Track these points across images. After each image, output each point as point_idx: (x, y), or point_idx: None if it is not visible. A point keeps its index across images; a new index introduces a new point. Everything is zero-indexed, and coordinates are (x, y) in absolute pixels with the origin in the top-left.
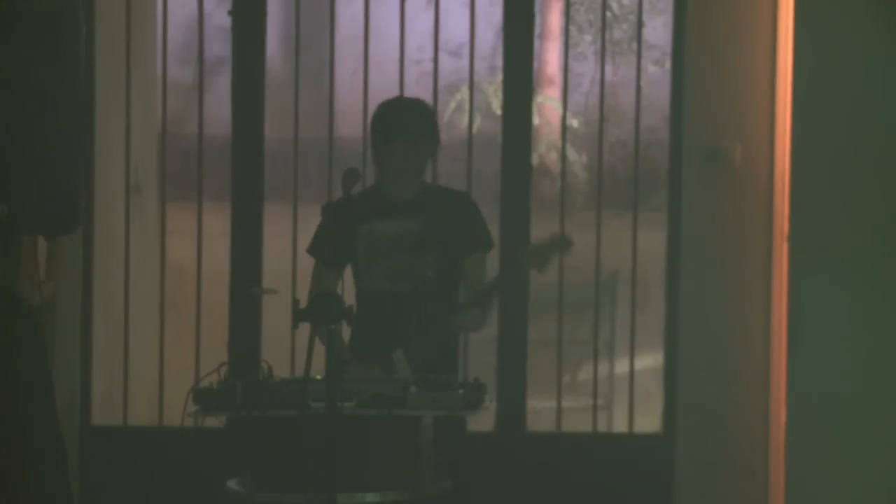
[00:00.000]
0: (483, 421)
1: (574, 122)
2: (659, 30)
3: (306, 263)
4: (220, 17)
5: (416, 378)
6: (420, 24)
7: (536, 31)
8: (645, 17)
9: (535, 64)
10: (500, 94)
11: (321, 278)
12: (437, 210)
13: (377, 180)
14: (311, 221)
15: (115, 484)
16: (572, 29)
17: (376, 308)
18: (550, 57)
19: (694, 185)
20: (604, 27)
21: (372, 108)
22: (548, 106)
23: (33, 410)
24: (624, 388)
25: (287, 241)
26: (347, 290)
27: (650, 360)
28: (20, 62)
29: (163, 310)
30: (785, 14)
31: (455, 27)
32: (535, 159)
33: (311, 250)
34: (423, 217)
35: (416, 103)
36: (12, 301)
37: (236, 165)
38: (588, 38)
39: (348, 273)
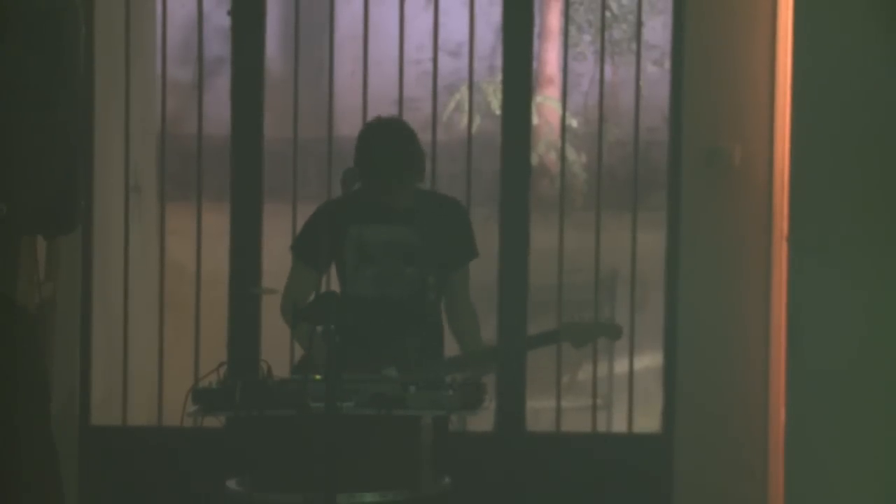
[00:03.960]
0: (483, 421)
1: (573, 122)
2: (658, 30)
3: None
4: (219, 17)
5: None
6: (419, 24)
7: (536, 30)
8: (644, 17)
9: (535, 64)
10: (499, 94)
11: (300, 278)
12: (430, 219)
13: (365, 186)
14: None
15: (115, 484)
16: (571, 29)
17: (363, 314)
18: (550, 57)
19: (693, 185)
20: (603, 27)
21: (372, 107)
22: (547, 106)
23: (27, 415)
24: (623, 387)
25: (286, 240)
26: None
27: (649, 360)
28: (19, 62)
29: (162, 310)
30: (784, 14)
31: (454, 27)
32: (534, 159)
33: (294, 248)
34: (416, 225)
35: (400, 138)
36: (7, 304)
37: (236, 165)
38: (587, 37)
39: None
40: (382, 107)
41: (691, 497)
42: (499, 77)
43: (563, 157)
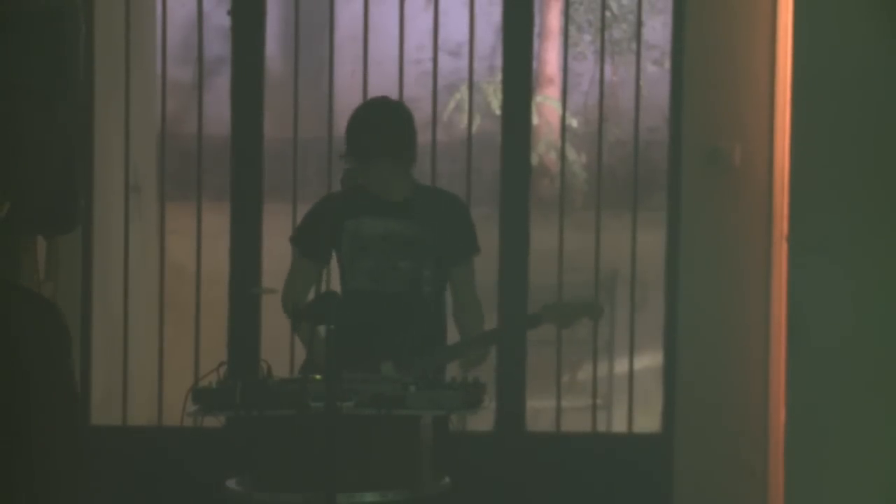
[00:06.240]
0: (483, 420)
1: (573, 122)
2: (658, 29)
3: None
4: (219, 17)
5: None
6: (419, 24)
7: (536, 30)
8: (644, 17)
9: (535, 64)
10: (499, 94)
11: (300, 269)
12: (428, 212)
13: (363, 179)
14: None
15: (115, 484)
16: (571, 28)
17: (359, 308)
18: (550, 57)
19: (693, 184)
20: (603, 27)
21: None
22: (547, 106)
23: (56, 411)
24: (623, 387)
25: (286, 240)
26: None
27: (649, 360)
28: (20, 62)
29: (162, 309)
30: (784, 13)
31: (454, 27)
32: (534, 159)
33: (294, 239)
34: (413, 218)
35: (390, 115)
36: (48, 306)
37: (236, 165)
38: (587, 37)
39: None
40: None
41: (691, 496)
42: (499, 77)
43: (563, 157)
